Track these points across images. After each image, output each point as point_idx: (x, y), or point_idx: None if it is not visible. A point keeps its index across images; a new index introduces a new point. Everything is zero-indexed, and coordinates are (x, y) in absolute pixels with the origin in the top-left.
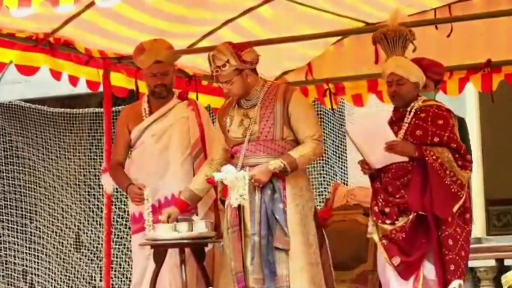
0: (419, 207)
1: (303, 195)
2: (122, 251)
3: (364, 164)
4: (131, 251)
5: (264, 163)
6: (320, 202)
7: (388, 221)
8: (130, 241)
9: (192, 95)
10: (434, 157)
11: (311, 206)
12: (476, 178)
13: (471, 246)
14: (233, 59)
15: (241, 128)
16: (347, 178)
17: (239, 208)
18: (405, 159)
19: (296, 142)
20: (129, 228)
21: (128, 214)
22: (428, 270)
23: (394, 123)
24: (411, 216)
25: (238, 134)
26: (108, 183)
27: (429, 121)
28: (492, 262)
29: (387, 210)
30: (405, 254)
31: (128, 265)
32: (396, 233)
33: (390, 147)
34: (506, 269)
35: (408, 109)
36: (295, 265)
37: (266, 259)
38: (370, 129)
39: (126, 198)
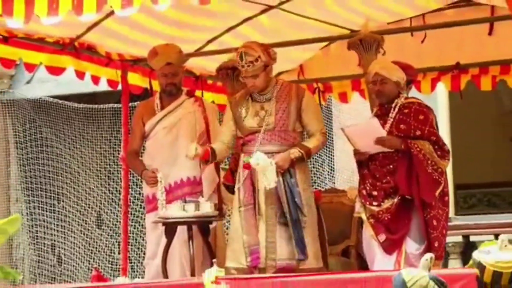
0: (407, 192)
1: (308, 180)
2: (137, 228)
3: (359, 153)
4: (145, 228)
5: (278, 150)
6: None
7: (375, 203)
8: (144, 219)
9: (198, 92)
10: (418, 149)
11: (312, 189)
12: None
13: None
14: (263, 55)
15: (257, 119)
16: (333, 164)
17: (253, 189)
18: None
19: (302, 134)
20: (144, 208)
21: (142, 196)
22: (410, 246)
23: (379, 117)
24: (396, 199)
25: (253, 124)
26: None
27: (412, 117)
28: (460, 238)
29: (374, 193)
30: (390, 232)
31: (143, 240)
32: (383, 213)
33: (381, 142)
34: (472, 244)
35: (393, 105)
36: (306, 240)
37: (299, 237)
38: (364, 129)
39: (141, 182)
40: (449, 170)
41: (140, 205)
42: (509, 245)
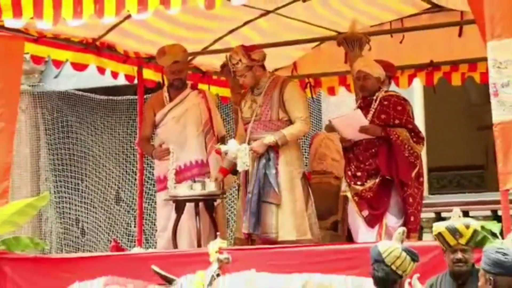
0: (387, 173)
1: (294, 163)
2: (151, 205)
3: (345, 140)
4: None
5: (261, 138)
6: None
7: (359, 183)
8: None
9: (204, 86)
10: (396, 136)
11: (299, 171)
12: None
13: None
14: (244, 58)
15: (250, 110)
16: None
17: (246, 172)
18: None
19: (291, 122)
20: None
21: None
22: (390, 220)
23: (362, 108)
24: (377, 180)
25: (247, 115)
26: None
27: (391, 108)
28: (432, 215)
29: (358, 174)
30: (372, 208)
31: (155, 215)
32: (366, 192)
33: (364, 130)
34: (443, 219)
35: (374, 98)
36: (283, 216)
37: (254, 211)
38: (349, 118)
39: (153, 164)
40: (423, 154)
41: (153, 184)
42: (461, 217)
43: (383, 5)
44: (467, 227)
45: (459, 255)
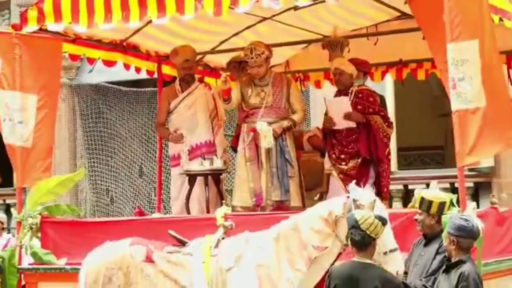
0: (367, 154)
1: (292, 143)
2: (168, 178)
3: (330, 120)
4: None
5: (274, 121)
6: None
7: (343, 163)
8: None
9: (212, 80)
10: (374, 121)
11: (295, 150)
12: None
13: None
14: (267, 50)
15: (258, 98)
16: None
17: (256, 149)
18: (354, 124)
19: (289, 110)
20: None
21: None
22: None
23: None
24: (359, 160)
25: (256, 101)
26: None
27: (365, 99)
28: (401, 187)
29: (342, 156)
30: (355, 183)
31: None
32: (350, 170)
33: (348, 116)
34: (409, 191)
35: (350, 91)
36: (293, 186)
37: (283, 183)
38: (339, 103)
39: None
40: (393, 136)
41: (169, 161)
42: (437, 188)
43: (361, 13)
44: (435, 198)
45: (418, 217)
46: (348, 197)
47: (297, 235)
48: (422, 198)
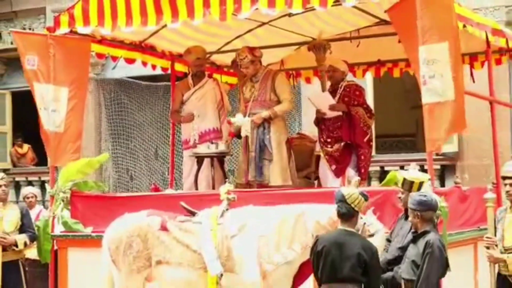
0: (348, 139)
1: (281, 131)
2: (180, 159)
3: (320, 112)
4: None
5: (260, 113)
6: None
7: (329, 146)
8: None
9: (218, 76)
10: (355, 111)
11: (284, 137)
12: None
13: None
14: (249, 55)
15: (249, 93)
16: (301, 120)
17: (247, 137)
18: (340, 113)
19: (279, 102)
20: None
21: None
22: (350, 172)
23: (331, 93)
24: (342, 143)
25: (247, 96)
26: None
27: (351, 93)
28: (378, 168)
29: (328, 140)
30: (338, 163)
31: (183, 166)
32: (334, 152)
33: (333, 107)
34: (385, 172)
35: (339, 86)
36: (273, 168)
37: (258, 166)
38: (322, 97)
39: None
40: (373, 125)
41: (181, 145)
42: (415, 170)
43: (345, 19)
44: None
45: (401, 195)
46: (361, 217)
47: (303, 222)
48: (404, 179)
